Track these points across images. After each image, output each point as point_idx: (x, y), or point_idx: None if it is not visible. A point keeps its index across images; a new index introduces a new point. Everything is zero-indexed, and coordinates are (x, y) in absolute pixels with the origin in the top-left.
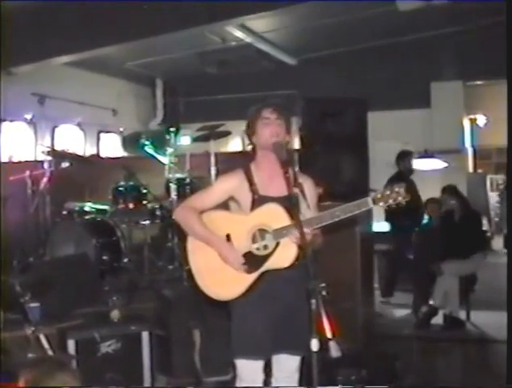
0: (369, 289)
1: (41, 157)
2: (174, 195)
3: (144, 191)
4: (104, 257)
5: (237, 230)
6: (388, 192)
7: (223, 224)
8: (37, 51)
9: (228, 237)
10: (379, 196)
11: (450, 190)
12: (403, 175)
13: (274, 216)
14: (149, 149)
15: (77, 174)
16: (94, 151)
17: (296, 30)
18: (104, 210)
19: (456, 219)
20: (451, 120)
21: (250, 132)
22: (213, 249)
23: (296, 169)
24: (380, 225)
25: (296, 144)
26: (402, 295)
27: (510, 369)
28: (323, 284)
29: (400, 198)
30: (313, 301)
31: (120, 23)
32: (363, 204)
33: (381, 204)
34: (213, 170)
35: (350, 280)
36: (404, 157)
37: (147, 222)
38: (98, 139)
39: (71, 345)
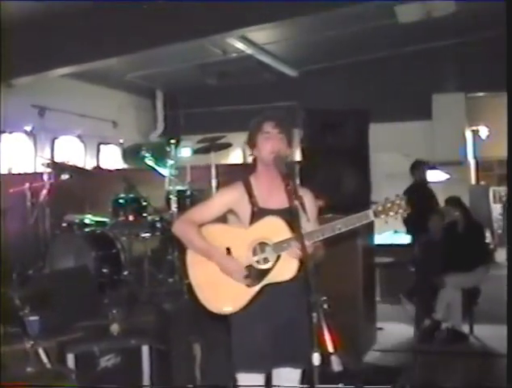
0: (371, 303)
1: (41, 169)
2: (174, 207)
3: (145, 203)
4: (104, 270)
5: (236, 244)
6: (389, 205)
7: (222, 237)
8: (37, 62)
9: (228, 250)
10: (380, 208)
11: (453, 201)
12: (418, 185)
13: (275, 229)
14: (150, 161)
15: (76, 186)
16: (94, 163)
17: (297, 41)
18: (104, 222)
19: (459, 231)
20: (453, 132)
21: (251, 144)
22: (213, 262)
23: (297, 181)
24: (382, 238)
25: (297, 156)
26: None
27: (510, 369)
28: (324, 298)
29: (401, 210)
30: (315, 314)
31: (121, 35)
32: (364, 216)
33: (382, 216)
34: (214, 183)
35: (351, 293)
36: (418, 167)
37: (147, 235)
38: (99, 151)
39: (70, 359)
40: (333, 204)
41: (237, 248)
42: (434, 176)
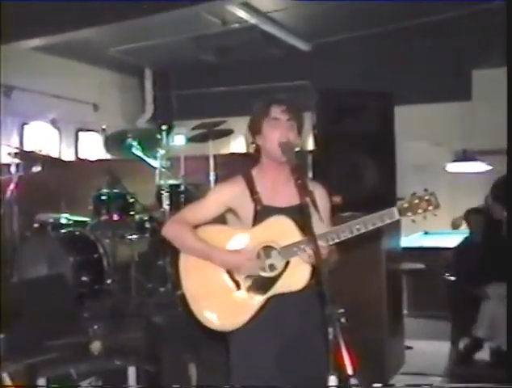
0: (397, 316)
1: (7, 159)
2: (166, 204)
3: (131, 200)
4: (83, 278)
5: (237, 247)
6: (416, 201)
7: (221, 241)
8: (2, 32)
9: None
10: (406, 205)
11: (499, 197)
12: None
13: (282, 230)
14: (137, 151)
15: (50, 180)
16: (71, 153)
17: (309, 8)
18: (84, 222)
19: (505, 232)
20: (497, 115)
21: (254, 131)
22: (214, 262)
23: (309, 175)
24: (410, 240)
25: (309, 144)
26: (437, 323)
27: (510, 369)
28: (341, 310)
29: (431, 208)
30: (330, 329)
31: (102, 1)
32: (387, 215)
33: (409, 214)
34: (212, 176)
35: (373, 305)
36: None
37: (134, 237)
38: (77, 138)
39: (42, 384)
40: (351, 201)
41: None
42: (472, 168)
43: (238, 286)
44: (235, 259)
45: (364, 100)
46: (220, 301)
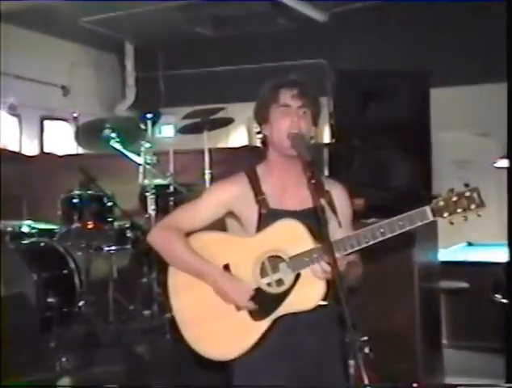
0: (434, 347)
1: None
2: (151, 209)
3: (109, 203)
4: (50, 299)
5: (238, 259)
6: (455, 199)
7: (219, 250)
8: None
9: (226, 268)
10: (441, 203)
11: None
12: None
13: (292, 237)
14: (116, 144)
15: (9, 179)
16: (34, 146)
17: None
18: (50, 231)
19: None
20: None
21: (261, 119)
22: (207, 283)
23: (325, 172)
24: (450, 252)
25: (325, 136)
26: (486, 357)
27: (510, 369)
28: (365, 338)
29: (473, 206)
30: (352, 361)
31: None
32: (418, 216)
33: (445, 215)
34: (208, 175)
35: (403, 333)
36: None
37: (113, 249)
38: (42, 129)
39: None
40: (376, 206)
41: (238, 265)
42: None
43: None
44: (228, 287)
45: (393, 82)
46: (218, 325)
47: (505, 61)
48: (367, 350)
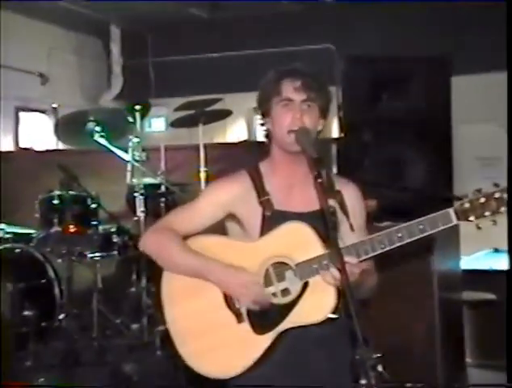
0: (456, 365)
1: None
2: (140, 211)
3: (93, 205)
4: (26, 312)
5: (240, 265)
6: (482, 200)
7: (218, 256)
8: None
9: None
10: (467, 205)
11: None
12: None
13: (299, 242)
14: (101, 139)
15: None
16: (9, 141)
17: None
18: (27, 236)
19: None
20: None
21: (263, 111)
22: (212, 281)
23: (334, 170)
24: (474, 260)
25: (334, 130)
26: None
27: (510, 369)
28: (378, 355)
29: (502, 208)
30: (363, 381)
31: None
32: (440, 219)
33: (472, 218)
34: (203, 173)
35: (422, 349)
36: None
37: (98, 255)
38: (17, 121)
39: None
40: (390, 206)
41: None
42: None
43: (240, 318)
44: (237, 279)
45: (409, 69)
46: (217, 340)
47: (506, 62)
48: (380, 368)
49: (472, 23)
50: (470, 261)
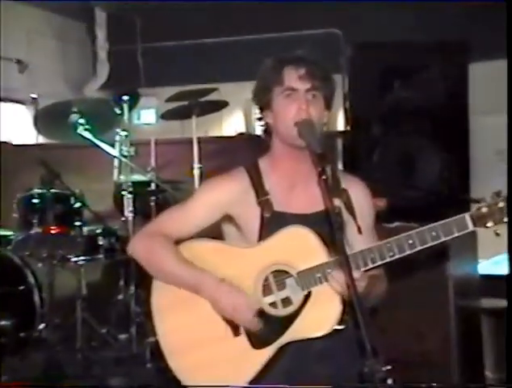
0: (474, 378)
1: None
2: (129, 211)
3: (77, 204)
4: (3, 322)
5: (236, 273)
6: (501, 204)
7: (213, 262)
8: None
9: None
10: (484, 210)
11: None
12: None
13: (302, 247)
14: (85, 132)
15: None
16: None
17: None
18: (5, 238)
19: None
20: None
21: (262, 103)
22: (204, 297)
23: (339, 166)
24: (492, 265)
25: (340, 123)
26: None
27: (510, 369)
28: (388, 367)
29: None
30: None
31: None
32: (454, 225)
33: (489, 224)
34: (197, 170)
35: (436, 361)
36: None
37: (82, 259)
38: None
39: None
40: (400, 206)
41: (236, 281)
42: None
43: (236, 331)
44: (228, 299)
45: (422, 56)
46: (212, 354)
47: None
48: (390, 381)
49: (491, 5)
50: (489, 265)
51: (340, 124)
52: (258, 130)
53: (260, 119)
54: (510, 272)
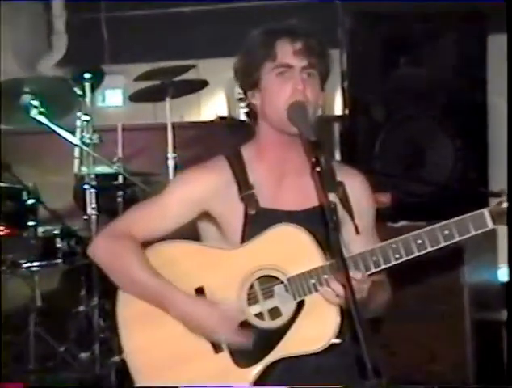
0: None
1: None
2: (91, 208)
3: (31, 200)
4: None
5: (216, 280)
6: None
7: (189, 268)
8: None
9: (199, 292)
10: (505, 205)
11: None
12: None
13: (292, 250)
14: (40, 116)
15: None
16: None
17: None
18: None
19: None
20: None
21: (248, 83)
22: (172, 315)
23: (336, 156)
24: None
25: (337, 106)
26: None
27: (510, 369)
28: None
29: None
30: None
31: None
32: (471, 222)
33: None
34: (171, 160)
35: (451, 380)
36: None
37: (36, 264)
38: None
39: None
40: (406, 202)
41: (216, 289)
42: None
43: (217, 347)
44: (200, 317)
45: (433, 28)
46: (189, 374)
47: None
48: None
49: None
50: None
51: (337, 108)
52: (241, 114)
53: (242, 99)
54: (510, 280)
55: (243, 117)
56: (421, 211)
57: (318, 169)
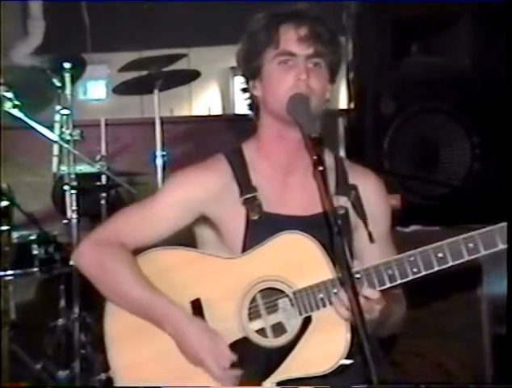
0: None
1: None
2: (71, 210)
3: (4, 203)
4: None
5: (215, 291)
6: None
7: (184, 278)
8: None
9: (195, 305)
10: None
11: None
12: None
13: (298, 259)
14: (14, 110)
15: None
16: None
17: None
18: None
19: None
20: None
21: (250, 72)
22: (166, 331)
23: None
24: None
25: (342, 99)
26: None
27: (510, 369)
28: None
29: None
30: None
31: None
32: (498, 234)
33: None
34: (160, 158)
35: None
36: None
37: (10, 274)
38: None
39: None
40: (419, 205)
41: (214, 301)
42: None
43: None
44: (193, 339)
45: (448, 13)
46: None
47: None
48: None
49: None
50: None
51: (342, 101)
52: (239, 107)
53: (245, 90)
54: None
55: (242, 111)
56: (434, 215)
57: (321, 168)
